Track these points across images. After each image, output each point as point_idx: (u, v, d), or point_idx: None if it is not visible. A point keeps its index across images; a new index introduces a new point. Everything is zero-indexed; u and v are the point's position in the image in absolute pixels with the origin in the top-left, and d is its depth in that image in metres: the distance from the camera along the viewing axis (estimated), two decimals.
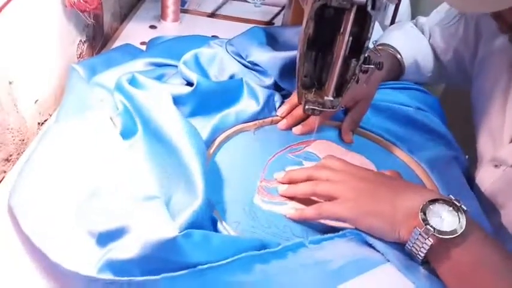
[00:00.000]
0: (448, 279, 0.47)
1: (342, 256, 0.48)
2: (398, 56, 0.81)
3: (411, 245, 0.47)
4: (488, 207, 0.66)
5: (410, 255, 0.49)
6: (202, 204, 0.48)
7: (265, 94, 0.71)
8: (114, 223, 0.47)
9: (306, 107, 0.58)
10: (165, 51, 0.79)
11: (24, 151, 0.64)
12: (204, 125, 0.64)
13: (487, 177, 0.68)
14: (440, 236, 0.45)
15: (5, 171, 0.61)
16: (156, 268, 0.44)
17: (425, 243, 0.46)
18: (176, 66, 0.75)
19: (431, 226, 0.45)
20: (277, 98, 0.73)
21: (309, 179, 0.57)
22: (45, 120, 0.72)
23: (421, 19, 0.88)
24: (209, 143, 0.63)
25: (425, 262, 0.48)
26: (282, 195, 0.58)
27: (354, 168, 0.56)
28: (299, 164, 0.64)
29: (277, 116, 0.71)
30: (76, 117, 0.62)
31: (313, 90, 0.59)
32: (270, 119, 0.71)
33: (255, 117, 0.70)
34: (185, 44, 0.80)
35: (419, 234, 0.46)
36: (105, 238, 0.47)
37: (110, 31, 0.96)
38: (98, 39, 0.89)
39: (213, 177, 0.57)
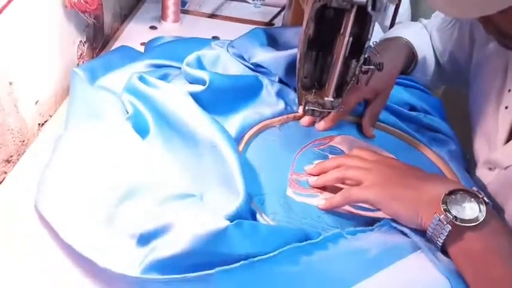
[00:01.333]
0: (462, 265, 0.48)
1: (377, 245, 0.50)
2: (413, 48, 0.82)
3: (431, 231, 0.49)
4: None
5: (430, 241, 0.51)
6: (245, 198, 0.50)
7: (278, 88, 0.73)
8: (155, 222, 0.48)
9: (306, 107, 0.58)
10: (165, 52, 0.79)
11: (24, 152, 0.64)
12: (224, 122, 0.65)
13: (482, 179, 0.69)
14: (459, 224, 0.46)
15: (5, 172, 0.61)
16: (202, 262, 0.44)
17: (444, 229, 0.47)
18: (177, 67, 0.75)
19: (451, 214, 0.47)
20: (293, 95, 0.74)
21: (338, 167, 0.59)
22: (46, 121, 0.72)
23: (423, 21, 0.89)
24: (238, 140, 0.65)
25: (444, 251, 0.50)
26: (314, 187, 0.60)
27: (382, 157, 0.59)
28: (325, 158, 0.66)
29: (298, 112, 0.72)
30: (88, 122, 0.62)
31: (314, 91, 0.59)
32: (292, 115, 0.72)
33: (278, 114, 0.71)
34: (185, 46, 0.80)
35: (439, 220, 0.47)
36: (147, 237, 0.48)
37: (110, 32, 0.96)
38: (98, 40, 0.90)
39: (246, 173, 0.59)
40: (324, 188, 0.60)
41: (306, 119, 0.70)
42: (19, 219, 0.54)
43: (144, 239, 0.48)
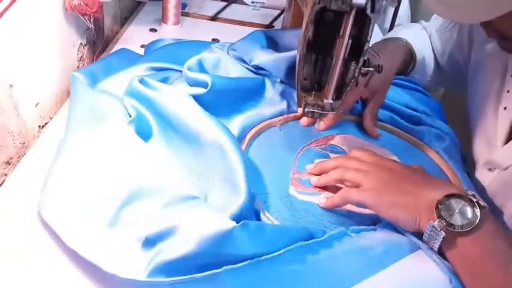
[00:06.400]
0: (460, 269, 0.48)
1: (381, 243, 0.51)
2: (412, 49, 0.82)
3: (426, 237, 0.49)
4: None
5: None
6: (248, 197, 0.50)
7: (280, 88, 0.74)
8: (160, 224, 0.48)
9: (306, 109, 0.58)
10: (165, 55, 0.79)
11: (25, 154, 0.64)
12: (227, 123, 0.65)
13: (482, 180, 0.69)
14: (452, 230, 0.46)
15: (5, 174, 0.61)
16: (208, 263, 0.44)
17: (438, 235, 0.47)
18: (177, 70, 0.76)
19: (444, 219, 0.47)
20: (295, 94, 0.74)
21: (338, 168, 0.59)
22: (46, 123, 0.72)
23: (423, 23, 0.89)
24: (240, 140, 0.65)
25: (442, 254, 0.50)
26: (315, 186, 0.61)
27: (380, 159, 0.59)
28: (326, 157, 0.67)
29: (298, 112, 0.73)
30: (89, 126, 0.62)
31: (313, 93, 0.60)
32: (293, 114, 0.73)
33: (279, 114, 0.72)
34: (185, 49, 0.80)
35: (433, 226, 0.48)
36: (152, 240, 0.48)
37: (110, 34, 0.97)
38: (98, 43, 0.90)
39: (249, 172, 0.59)
40: (325, 187, 0.61)
41: (305, 120, 0.71)
42: (19, 221, 0.54)
43: (150, 242, 0.48)
